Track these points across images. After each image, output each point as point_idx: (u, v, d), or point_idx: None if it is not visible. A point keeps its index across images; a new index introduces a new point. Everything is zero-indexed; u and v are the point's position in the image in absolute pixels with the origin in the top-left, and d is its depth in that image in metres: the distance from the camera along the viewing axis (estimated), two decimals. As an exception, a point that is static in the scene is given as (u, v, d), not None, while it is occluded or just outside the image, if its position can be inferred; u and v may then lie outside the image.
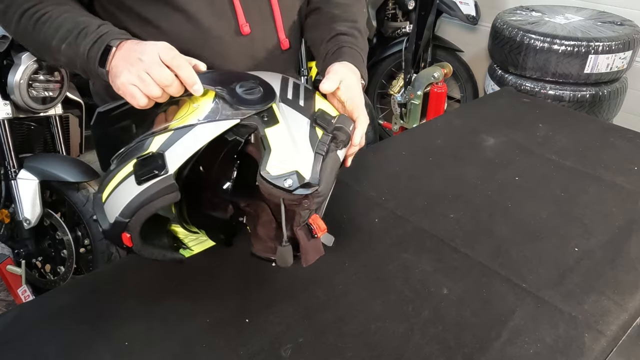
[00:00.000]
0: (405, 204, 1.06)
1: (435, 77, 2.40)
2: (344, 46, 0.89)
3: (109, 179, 0.69)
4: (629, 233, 0.98)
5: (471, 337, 0.75)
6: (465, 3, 2.79)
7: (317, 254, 0.77)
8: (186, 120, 0.68)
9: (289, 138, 0.67)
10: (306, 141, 0.68)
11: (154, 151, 0.67)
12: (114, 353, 0.74)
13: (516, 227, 0.99)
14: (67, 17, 0.75)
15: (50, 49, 0.75)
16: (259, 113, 0.68)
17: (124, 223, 0.68)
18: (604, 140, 1.33)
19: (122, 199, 0.67)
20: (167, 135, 0.67)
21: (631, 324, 0.79)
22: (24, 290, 1.80)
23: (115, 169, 0.69)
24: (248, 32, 0.87)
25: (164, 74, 0.68)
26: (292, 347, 0.74)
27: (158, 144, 0.67)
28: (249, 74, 0.74)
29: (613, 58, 2.15)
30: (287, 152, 0.66)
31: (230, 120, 0.66)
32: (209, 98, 0.70)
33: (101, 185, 0.71)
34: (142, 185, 0.65)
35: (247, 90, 0.69)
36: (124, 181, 0.68)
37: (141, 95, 0.68)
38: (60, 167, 1.74)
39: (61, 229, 1.82)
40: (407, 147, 1.32)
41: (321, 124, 0.71)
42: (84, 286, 0.88)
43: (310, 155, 0.67)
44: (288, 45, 0.94)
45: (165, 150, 0.66)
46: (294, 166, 0.66)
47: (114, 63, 0.71)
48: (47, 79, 1.74)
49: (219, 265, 0.89)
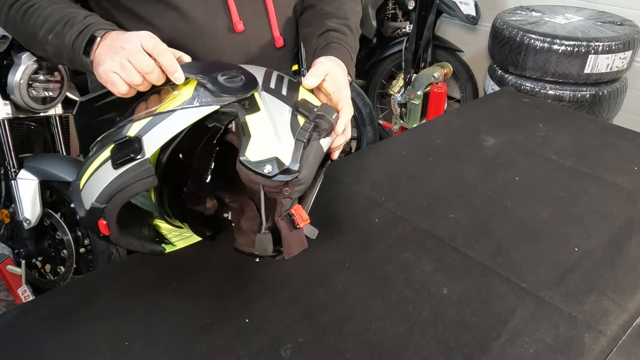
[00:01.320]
0: (405, 204, 1.06)
1: (435, 77, 2.40)
2: (333, 42, 0.89)
3: (86, 165, 0.69)
4: (629, 233, 0.98)
5: (471, 337, 0.75)
6: (465, 3, 2.79)
7: (300, 247, 0.76)
8: (167, 107, 0.67)
9: (269, 125, 0.67)
10: (287, 128, 0.67)
11: (132, 135, 0.66)
12: (114, 353, 0.74)
13: (516, 227, 0.99)
14: (55, 8, 0.76)
15: (38, 40, 0.76)
16: (240, 101, 0.68)
17: (99, 209, 0.67)
18: (604, 140, 1.33)
19: (99, 184, 0.66)
20: (147, 120, 0.67)
21: (631, 324, 0.79)
22: (24, 290, 1.80)
23: (92, 155, 0.69)
24: (242, 29, 0.87)
25: (144, 61, 0.68)
26: (292, 347, 0.74)
27: (137, 129, 0.66)
28: (232, 65, 0.74)
29: (613, 58, 2.15)
30: (267, 139, 0.66)
31: (210, 107, 0.66)
32: (190, 87, 0.69)
33: (79, 171, 0.70)
34: (118, 169, 0.64)
35: (228, 78, 0.69)
36: (101, 166, 0.67)
37: (122, 83, 0.69)
38: (60, 167, 1.74)
39: (61, 229, 1.82)
40: (407, 147, 1.32)
41: (303, 111, 0.70)
42: (84, 286, 0.88)
43: (291, 142, 0.67)
44: (282, 43, 0.95)
45: (143, 134, 0.66)
46: (274, 152, 0.65)
47: (97, 52, 0.72)
48: (47, 79, 1.74)
49: (219, 265, 0.89)
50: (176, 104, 0.67)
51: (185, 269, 0.89)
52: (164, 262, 0.90)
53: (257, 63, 0.89)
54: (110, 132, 0.70)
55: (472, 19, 2.79)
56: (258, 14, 0.89)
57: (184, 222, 0.84)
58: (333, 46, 0.88)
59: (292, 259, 0.78)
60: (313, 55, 0.90)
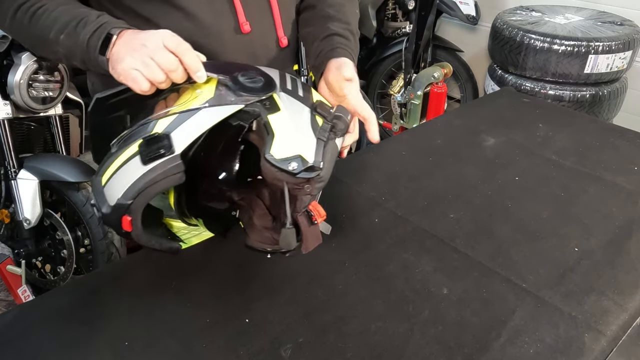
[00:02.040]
0: (405, 204, 1.06)
1: (435, 77, 2.40)
2: (339, 47, 0.91)
3: (109, 162, 0.69)
4: (629, 233, 0.98)
5: (471, 337, 0.75)
6: (465, 3, 2.79)
7: (316, 241, 0.77)
8: (189, 105, 0.68)
9: (291, 124, 0.69)
10: (308, 127, 0.70)
11: (160, 132, 0.66)
12: (114, 353, 0.74)
13: (516, 227, 0.99)
14: (64, 9, 0.76)
15: (48, 42, 0.76)
16: (261, 100, 0.69)
17: (125, 205, 0.67)
18: (604, 140, 1.33)
19: (125, 180, 0.66)
20: (172, 118, 0.67)
21: (631, 324, 0.79)
22: (24, 290, 1.80)
23: (116, 152, 0.68)
24: (248, 30, 0.87)
25: (169, 59, 0.68)
26: (292, 347, 0.74)
27: (163, 126, 0.67)
28: (249, 65, 0.75)
29: (613, 58, 2.15)
30: (290, 137, 0.67)
31: (234, 105, 0.67)
32: (211, 85, 0.70)
33: (100, 169, 0.70)
34: (147, 165, 0.65)
35: (248, 79, 0.70)
36: (127, 162, 0.67)
37: (143, 80, 0.68)
38: (60, 167, 1.74)
39: (61, 229, 1.82)
40: (407, 147, 1.32)
41: (321, 112, 0.73)
42: (84, 286, 0.88)
43: (313, 141, 0.69)
44: (287, 42, 0.95)
45: (171, 131, 0.66)
46: (298, 150, 0.67)
47: (114, 50, 0.71)
48: (47, 79, 1.74)
49: (219, 265, 0.89)
50: (200, 102, 0.68)
51: (185, 269, 0.89)
52: (164, 262, 0.90)
53: (262, 63, 0.90)
54: (132, 130, 0.70)
55: (472, 19, 2.79)
56: (263, 14, 0.90)
57: (199, 219, 0.84)
58: (339, 51, 0.90)
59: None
60: (317, 58, 0.92)
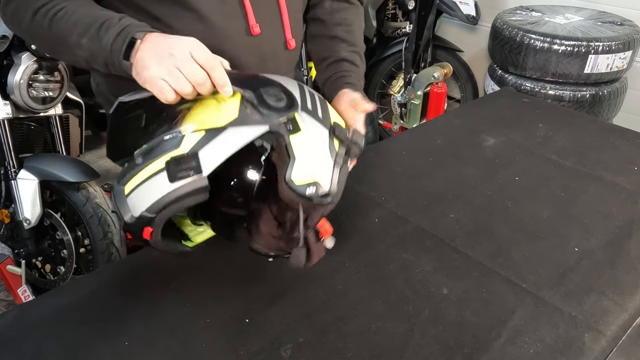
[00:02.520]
0: (405, 204, 1.06)
1: (435, 77, 2.40)
2: (346, 75, 0.95)
3: (134, 172, 0.69)
4: (629, 233, 0.98)
5: (471, 337, 0.75)
6: (465, 3, 2.79)
7: (319, 255, 0.79)
8: (215, 121, 0.68)
9: (311, 147, 0.70)
10: (327, 152, 0.72)
11: (187, 151, 0.67)
12: (114, 353, 0.74)
13: (516, 227, 0.99)
14: (84, 12, 0.75)
15: (69, 45, 0.75)
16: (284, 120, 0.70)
17: (149, 218, 0.68)
18: (604, 140, 1.33)
19: (151, 194, 0.67)
20: (200, 135, 0.67)
21: (631, 324, 0.79)
22: (24, 290, 1.80)
23: (142, 164, 0.69)
24: (258, 32, 0.88)
25: (198, 73, 0.68)
26: (292, 347, 0.74)
27: (191, 143, 0.67)
28: (271, 80, 0.75)
29: (613, 58, 2.15)
30: (309, 162, 0.70)
31: (261, 126, 0.68)
32: (235, 99, 0.70)
33: (123, 177, 0.70)
34: (175, 183, 0.66)
35: (273, 96, 0.70)
36: (153, 177, 0.67)
37: (170, 91, 0.68)
38: (60, 167, 1.74)
39: (61, 229, 1.82)
40: (407, 147, 1.32)
41: (339, 135, 0.74)
42: (84, 286, 0.88)
43: (330, 166, 0.71)
44: (294, 45, 0.96)
45: (199, 150, 0.67)
46: (315, 176, 0.70)
47: (139, 55, 0.71)
48: (47, 79, 1.74)
49: (219, 265, 0.89)
50: (225, 119, 0.68)
51: (186, 269, 0.89)
52: (164, 262, 0.90)
53: (270, 64, 0.91)
54: (156, 141, 0.70)
55: (472, 19, 2.79)
56: (273, 16, 0.90)
57: (207, 221, 0.85)
58: (350, 81, 0.94)
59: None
60: (326, 83, 0.96)
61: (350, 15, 1.00)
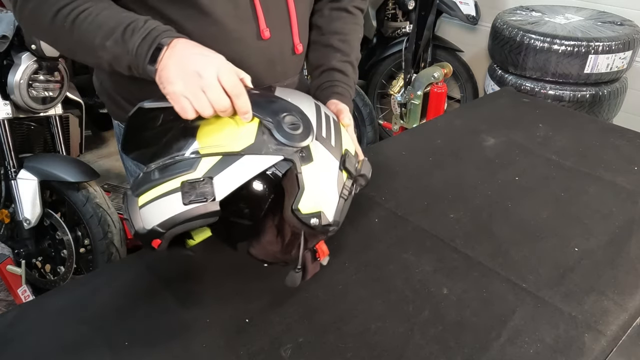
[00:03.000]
0: (405, 204, 1.06)
1: (435, 77, 2.40)
2: (337, 86, 0.97)
3: (149, 186, 0.70)
4: (629, 233, 0.98)
5: (471, 337, 0.75)
6: (465, 3, 2.79)
7: (314, 272, 0.82)
8: (232, 144, 0.70)
9: (320, 179, 0.73)
10: (334, 185, 0.75)
11: (202, 176, 0.69)
12: (114, 353, 0.74)
13: (516, 227, 0.99)
14: (108, 14, 0.74)
15: (92, 47, 0.74)
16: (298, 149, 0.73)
17: (160, 233, 0.70)
18: (604, 140, 1.33)
19: (164, 211, 0.69)
20: (216, 160, 0.69)
21: (631, 324, 0.79)
22: (24, 290, 1.80)
23: (157, 180, 0.70)
24: (268, 36, 0.89)
25: (222, 100, 0.69)
26: (292, 347, 0.74)
27: (206, 167, 0.69)
28: (289, 104, 0.76)
29: (613, 58, 2.15)
30: (317, 193, 0.72)
31: (275, 156, 0.70)
32: (253, 123, 0.72)
33: (138, 188, 0.71)
34: (188, 206, 0.68)
35: (290, 125, 0.72)
36: (167, 195, 0.69)
37: (191, 110, 0.69)
38: (60, 167, 1.74)
39: (61, 229, 1.82)
40: (407, 147, 1.32)
41: (348, 168, 0.77)
42: (84, 286, 0.88)
43: (335, 199, 0.75)
44: (301, 49, 0.97)
45: (214, 175, 0.69)
46: (320, 207, 0.73)
47: (165, 63, 0.71)
48: (47, 79, 1.74)
49: (219, 265, 0.89)
50: (242, 144, 0.70)
51: (186, 269, 0.89)
52: (164, 262, 0.90)
53: (277, 68, 0.93)
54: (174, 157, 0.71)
55: (472, 19, 2.79)
56: (282, 21, 0.91)
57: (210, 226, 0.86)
58: (339, 91, 0.96)
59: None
60: (316, 90, 0.97)
61: (347, 25, 1.01)
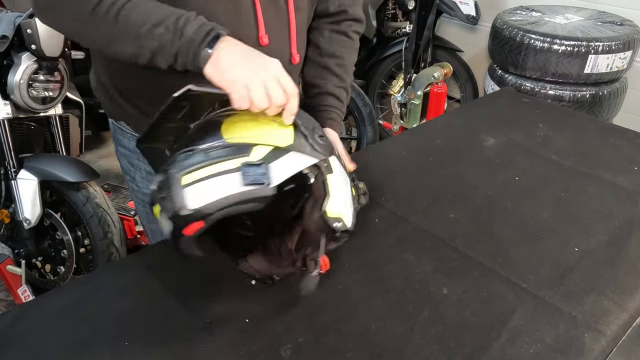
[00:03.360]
0: (405, 204, 1.06)
1: (435, 77, 2.40)
2: (329, 110, 1.00)
3: (198, 165, 0.69)
4: (629, 233, 0.98)
5: (471, 337, 0.75)
6: (465, 3, 2.79)
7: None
8: (275, 141, 0.73)
9: (341, 188, 0.78)
10: (349, 195, 0.80)
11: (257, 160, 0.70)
12: (114, 353, 0.74)
13: (516, 227, 0.99)
14: (154, 5, 0.76)
15: (137, 35, 0.75)
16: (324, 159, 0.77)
17: (206, 214, 0.68)
18: (604, 140, 1.33)
19: (217, 191, 0.68)
20: (268, 149, 0.71)
21: (631, 324, 0.79)
22: (24, 290, 1.80)
23: (209, 160, 0.70)
24: (267, 43, 0.89)
25: (280, 96, 0.72)
26: (292, 347, 0.74)
27: (260, 154, 0.71)
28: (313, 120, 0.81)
29: (613, 58, 2.15)
30: (339, 200, 0.77)
31: (313, 158, 0.74)
32: (290, 127, 0.76)
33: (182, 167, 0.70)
34: (246, 187, 0.68)
35: (321, 137, 0.77)
36: (222, 175, 0.68)
37: (246, 100, 0.71)
38: (60, 167, 1.74)
39: (61, 229, 1.82)
40: (407, 147, 1.32)
41: (356, 184, 0.85)
42: (84, 286, 0.88)
43: (351, 209, 0.79)
44: (298, 60, 0.98)
45: (269, 162, 0.70)
46: (342, 213, 0.76)
47: (221, 51, 0.73)
48: (47, 79, 1.74)
49: (219, 265, 0.89)
50: (284, 142, 0.73)
51: (186, 269, 0.89)
52: (164, 263, 0.90)
53: None
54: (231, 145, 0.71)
55: (472, 19, 2.79)
56: (281, 30, 0.91)
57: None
58: (333, 117, 1.00)
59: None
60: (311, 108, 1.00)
61: (345, 50, 1.03)
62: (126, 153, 1.05)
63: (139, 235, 2.02)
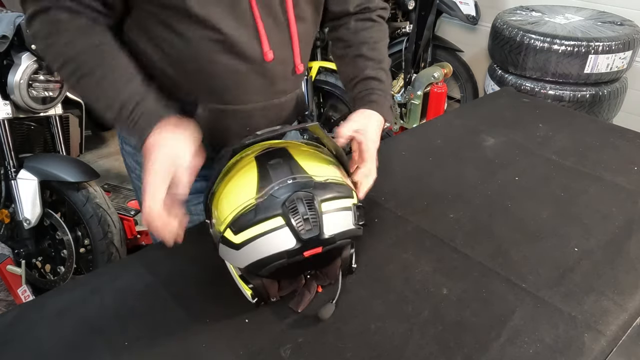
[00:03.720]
0: (405, 204, 1.06)
1: (435, 77, 2.40)
2: (373, 93, 0.97)
3: (334, 196, 0.75)
4: (629, 233, 0.98)
5: (471, 337, 0.75)
6: (465, 3, 2.79)
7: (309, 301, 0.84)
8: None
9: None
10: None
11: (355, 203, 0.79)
12: (114, 353, 0.74)
13: (516, 227, 0.99)
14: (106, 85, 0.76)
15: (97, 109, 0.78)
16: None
17: (332, 241, 0.74)
18: (604, 140, 1.33)
19: (340, 224, 0.75)
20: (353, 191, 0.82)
21: (631, 324, 0.79)
22: (24, 290, 1.80)
23: (334, 195, 0.75)
24: (271, 58, 0.88)
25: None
26: (292, 347, 0.74)
27: (355, 196, 0.80)
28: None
29: (613, 58, 2.15)
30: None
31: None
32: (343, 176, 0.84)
33: (320, 193, 0.74)
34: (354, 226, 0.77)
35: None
36: (343, 211, 0.76)
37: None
38: (60, 167, 1.74)
39: (61, 229, 1.82)
40: (407, 147, 1.32)
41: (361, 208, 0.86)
42: (84, 286, 0.88)
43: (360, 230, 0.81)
44: (302, 69, 0.97)
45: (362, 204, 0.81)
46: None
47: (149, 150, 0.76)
48: (47, 79, 1.74)
49: (219, 265, 0.89)
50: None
51: (185, 269, 0.89)
52: (164, 263, 0.90)
53: (278, 87, 0.94)
54: (332, 180, 0.77)
55: (472, 19, 2.79)
56: (284, 43, 0.91)
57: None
58: (374, 98, 0.97)
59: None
60: (354, 101, 0.99)
61: (374, 33, 1.02)
62: (132, 151, 1.05)
63: (139, 235, 2.02)
